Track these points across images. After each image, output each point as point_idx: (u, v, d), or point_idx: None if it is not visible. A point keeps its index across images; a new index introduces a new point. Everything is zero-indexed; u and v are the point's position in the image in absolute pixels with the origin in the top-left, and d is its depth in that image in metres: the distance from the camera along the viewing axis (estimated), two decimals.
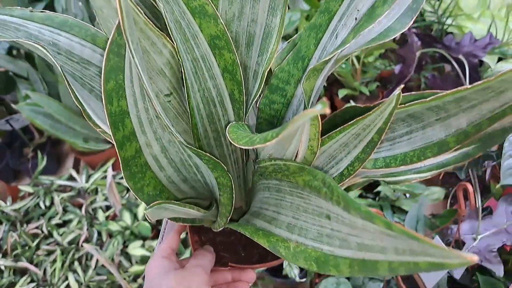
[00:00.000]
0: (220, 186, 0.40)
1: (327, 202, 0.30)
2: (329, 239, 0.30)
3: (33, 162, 1.27)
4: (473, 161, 0.80)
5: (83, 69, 0.38)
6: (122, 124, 0.35)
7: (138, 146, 0.37)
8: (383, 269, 0.25)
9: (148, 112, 0.36)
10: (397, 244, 0.24)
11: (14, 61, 1.14)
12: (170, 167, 0.41)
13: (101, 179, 1.15)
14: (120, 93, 0.34)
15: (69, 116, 1.11)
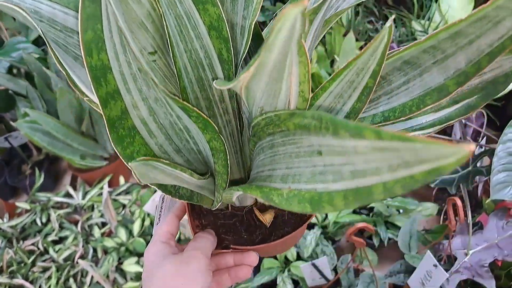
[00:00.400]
0: (213, 152, 0.38)
1: (317, 135, 0.28)
2: (322, 176, 0.28)
3: (31, 179, 1.28)
4: (464, 176, 0.80)
5: (67, 37, 0.36)
6: (105, 79, 0.33)
7: (123, 106, 0.35)
8: (378, 192, 0.23)
9: (131, 66, 0.33)
10: (390, 160, 0.22)
11: (14, 80, 1.16)
12: (161, 134, 0.38)
13: (98, 196, 1.16)
14: (99, 45, 0.31)
15: (66, 133, 1.12)
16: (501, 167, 0.68)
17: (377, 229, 0.95)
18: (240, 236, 0.48)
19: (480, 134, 0.95)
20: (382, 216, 0.97)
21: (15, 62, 1.18)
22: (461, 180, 0.81)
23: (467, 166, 0.81)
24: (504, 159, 0.68)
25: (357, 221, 0.94)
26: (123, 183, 1.20)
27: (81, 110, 1.15)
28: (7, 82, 1.16)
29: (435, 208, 0.95)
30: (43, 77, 1.18)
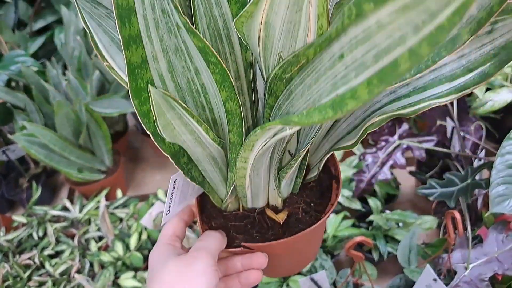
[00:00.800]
0: (228, 117, 0.37)
1: (338, 39, 0.27)
2: (344, 79, 0.27)
3: (28, 192, 1.27)
4: (463, 189, 0.80)
5: (93, 8, 0.37)
6: (129, 21, 0.32)
7: (144, 54, 0.34)
8: (404, 62, 0.22)
9: (154, 10, 0.33)
10: (414, 19, 0.21)
11: (12, 93, 1.16)
12: (177, 95, 0.38)
13: (95, 210, 1.15)
14: None
15: (64, 146, 1.12)
16: (500, 180, 0.68)
17: (376, 243, 0.94)
18: (252, 237, 0.47)
19: (478, 146, 0.94)
20: (381, 229, 0.96)
21: (13, 75, 1.19)
22: (460, 193, 0.80)
23: (466, 179, 0.81)
24: (503, 172, 0.67)
25: (356, 234, 0.93)
26: (120, 196, 1.19)
27: (79, 123, 1.15)
28: (5, 95, 1.16)
29: (435, 221, 0.94)
30: (41, 90, 1.18)
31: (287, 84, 0.34)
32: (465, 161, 0.93)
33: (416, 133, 0.99)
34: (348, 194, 1.01)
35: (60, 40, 1.36)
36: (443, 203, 1.02)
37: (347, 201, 1.01)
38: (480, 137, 0.96)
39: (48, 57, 1.44)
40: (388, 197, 1.09)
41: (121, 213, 1.12)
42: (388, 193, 1.08)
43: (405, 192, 1.15)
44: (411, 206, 1.15)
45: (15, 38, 1.43)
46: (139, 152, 1.52)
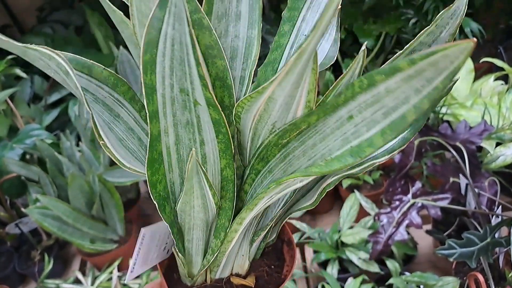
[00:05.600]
0: (223, 183, 0.41)
1: (347, 105, 0.32)
2: (355, 134, 0.32)
3: (39, 265, 1.26)
4: (483, 248, 0.78)
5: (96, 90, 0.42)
6: (152, 98, 0.36)
7: (159, 128, 0.38)
8: (410, 115, 0.28)
9: (173, 89, 0.37)
10: (416, 84, 0.27)
11: (26, 167, 1.18)
12: (177, 168, 0.41)
13: (107, 281, 1.13)
14: (152, 67, 0.35)
15: (77, 217, 1.12)
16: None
17: None
18: None
19: (494, 202, 0.93)
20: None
21: (28, 149, 1.21)
22: (481, 253, 0.78)
23: (486, 238, 0.79)
24: None
25: None
26: None
27: (92, 193, 1.15)
28: (20, 169, 1.18)
29: (457, 282, 0.91)
30: (55, 162, 1.20)
31: (281, 148, 0.39)
32: (482, 218, 0.91)
33: (429, 191, 0.98)
34: (365, 256, 0.99)
35: (74, 112, 1.41)
36: (464, 262, 0.99)
37: (364, 264, 0.98)
38: (495, 193, 0.95)
39: (62, 129, 1.48)
40: (406, 258, 1.06)
41: (134, 284, 1.10)
42: (406, 253, 1.05)
43: (423, 252, 1.12)
44: (431, 266, 1.12)
45: (30, 112, 1.48)
46: (151, 219, 1.52)
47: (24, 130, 1.27)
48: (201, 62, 0.36)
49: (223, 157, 0.41)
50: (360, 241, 1.01)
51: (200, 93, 0.37)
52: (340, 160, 0.33)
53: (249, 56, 0.44)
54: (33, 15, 1.95)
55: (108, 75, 0.41)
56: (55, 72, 0.36)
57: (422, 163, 1.07)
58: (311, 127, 0.36)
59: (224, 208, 0.43)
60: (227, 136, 0.39)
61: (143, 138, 0.45)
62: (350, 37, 1.54)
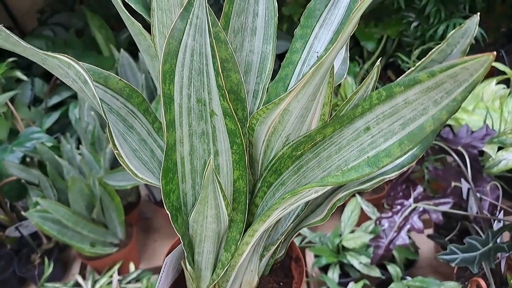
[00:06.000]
0: (235, 195, 0.41)
1: (364, 116, 0.33)
2: (372, 145, 0.33)
3: (39, 269, 1.25)
4: (485, 254, 0.77)
5: (118, 121, 0.43)
6: (169, 108, 0.37)
7: (175, 138, 0.39)
8: (429, 126, 0.29)
9: (190, 99, 0.38)
10: (434, 96, 0.28)
11: (26, 170, 1.18)
12: (190, 179, 0.42)
13: (107, 285, 1.12)
14: (171, 77, 0.36)
15: (77, 220, 1.12)
16: None
17: None
18: None
19: (496, 207, 0.93)
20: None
21: (28, 152, 1.21)
22: (483, 258, 0.78)
23: (487, 243, 0.79)
24: None
25: None
26: (133, 270, 1.17)
27: (92, 197, 1.15)
28: (20, 172, 1.17)
29: (458, 287, 0.90)
30: (56, 166, 1.20)
31: (295, 160, 0.40)
32: (484, 222, 0.91)
33: (431, 196, 0.98)
34: (366, 261, 0.98)
35: (74, 115, 1.40)
36: (465, 267, 0.99)
37: (365, 268, 0.98)
38: (497, 197, 0.94)
39: (62, 132, 1.48)
40: (407, 263, 1.06)
41: None
42: (407, 258, 1.05)
43: (424, 257, 1.12)
44: (432, 270, 1.11)
45: (31, 115, 1.48)
46: (151, 222, 1.51)
47: (25, 133, 1.26)
48: (220, 73, 0.36)
49: (236, 168, 0.41)
50: (361, 245, 1.01)
51: (217, 103, 0.38)
52: (357, 170, 0.33)
53: (264, 71, 0.45)
54: (34, 18, 1.95)
55: (123, 86, 0.42)
56: (73, 81, 0.37)
57: (423, 167, 1.06)
58: (326, 139, 0.37)
59: (235, 220, 0.43)
60: (241, 147, 0.40)
61: (155, 150, 0.46)
62: (352, 40, 1.54)
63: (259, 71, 0.45)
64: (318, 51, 0.44)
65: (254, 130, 0.40)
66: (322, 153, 0.38)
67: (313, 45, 0.45)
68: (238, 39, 0.44)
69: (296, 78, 0.45)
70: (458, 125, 1.10)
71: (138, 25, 0.41)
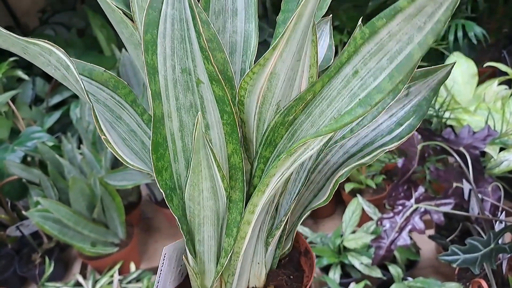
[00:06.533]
0: (231, 172, 0.40)
1: (350, 61, 0.32)
2: (363, 87, 0.32)
3: (40, 268, 1.25)
4: (486, 255, 0.77)
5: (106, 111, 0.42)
6: (153, 78, 0.36)
7: (162, 110, 0.38)
8: (416, 53, 0.29)
9: (175, 70, 0.37)
10: (418, 23, 0.28)
11: (27, 169, 1.18)
12: (183, 158, 0.41)
13: (108, 285, 1.12)
14: (153, 47, 0.35)
15: (77, 220, 1.12)
16: None
17: None
18: None
19: (498, 208, 0.92)
20: None
21: (29, 151, 1.21)
22: (484, 259, 0.77)
23: (489, 244, 0.78)
24: None
25: None
26: (134, 270, 1.17)
27: (93, 197, 1.15)
28: (21, 171, 1.17)
29: None
30: (56, 165, 1.20)
31: (288, 127, 0.39)
32: (485, 223, 0.91)
33: (432, 196, 0.97)
34: (367, 261, 0.98)
35: (75, 115, 1.40)
36: (467, 268, 0.99)
37: (366, 269, 0.97)
38: (498, 198, 0.94)
39: (63, 131, 1.48)
40: (408, 263, 1.06)
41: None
42: (409, 259, 1.05)
43: (425, 257, 1.12)
44: (433, 271, 1.11)
45: (31, 114, 1.48)
46: (152, 222, 1.51)
47: (26, 132, 1.26)
48: (202, 33, 0.35)
49: (229, 141, 0.40)
50: (363, 246, 1.01)
51: (202, 69, 0.37)
52: (350, 113, 0.32)
53: (248, 48, 0.44)
54: (35, 17, 1.96)
55: (108, 78, 0.42)
56: (56, 68, 0.36)
57: (425, 168, 1.06)
58: (316, 95, 0.36)
59: (234, 200, 0.42)
60: (232, 116, 0.38)
61: (146, 141, 0.45)
62: None
63: (244, 49, 0.44)
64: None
65: (244, 104, 0.39)
66: (314, 111, 0.37)
67: None
68: (220, 21, 0.44)
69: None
70: (460, 125, 1.10)
71: (119, 12, 0.41)
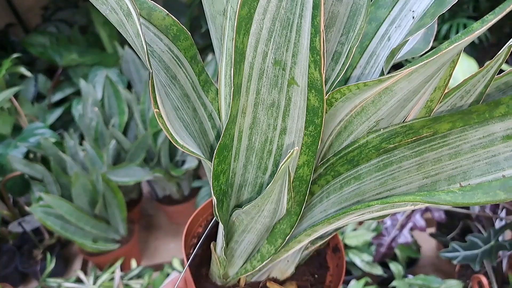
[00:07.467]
0: (296, 183, 0.33)
1: (506, 120, 0.26)
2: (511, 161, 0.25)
3: (42, 264, 1.26)
4: (487, 251, 0.78)
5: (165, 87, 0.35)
6: (239, 68, 0.29)
7: (238, 107, 0.31)
8: None
9: (265, 59, 0.29)
10: None
11: (30, 165, 1.18)
12: (244, 157, 0.34)
13: (109, 281, 1.13)
14: (247, 26, 0.28)
15: (79, 216, 1.12)
16: None
17: None
18: None
19: (498, 206, 0.93)
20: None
21: (32, 147, 1.21)
22: (485, 256, 0.78)
23: (489, 241, 0.79)
24: None
25: None
26: (135, 266, 1.18)
27: (95, 193, 1.15)
28: (24, 167, 1.18)
29: (460, 285, 0.91)
30: (59, 161, 1.20)
31: (383, 154, 0.32)
32: (486, 221, 0.91)
33: None
34: (368, 259, 0.98)
35: (77, 111, 1.41)
36: (467, 265, 0.99)
37: (367, 266, 0.98)
38: None
39: (65, 128, 1.49)
40: (409, 261, 1.06)
41: (136, 284, 1.09)
42: (409, 256, 1.05)
43: (426, 255, 1.12)
44: (434, 269, 1.11)
45: (34, 111, 1.48)
46: (153, 220, 1.52)
47: (28, 128, 1.27)
48: (321, 31, 0.26)
49: (305, 152, 0.33)
50: (364, 243, 1.01)
51: (303, 71, 0.29)
52: (487, 191, 0.25)
53: (352, 28, 0.34)
54: (38, 14, 1.96)
55: (170, 24, 0.33)
56: (112, 10, 0.29)
57: None
58: (437, 136, 0.29)
59: (289, 212, 0.36)
60: (319, 129, 0.31)
61: (198, 108, 0.38)
62: None
63: (346, 27, 0.34)
64: (415, 11, 0.34)
65: (333, 105, 0.31)
66: (427, 154, 0.29)
67: (409, 1, 0.35)
68: None
69: (379, 40, 0.36)
70: None
71: None
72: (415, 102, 0.30)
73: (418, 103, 0.30)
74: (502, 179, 0.25)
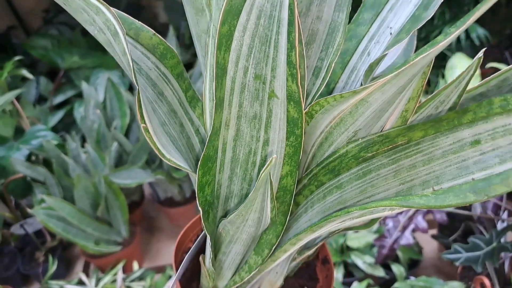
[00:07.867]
0: (280, 193, 0.34)
1: (474, 126, 0.27)
2: (480, 165, 0.27)
3: (43, 266, 1.26)
4: (489, 253, 0.78)
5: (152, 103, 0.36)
6: (221, 82, 0.30)
7: (221, 119, 0.32)
8: None
9: (246, 74, 0.30)
10: None
11: (32, 167, 1.19)
12: (228, 169, 0.35)
13: (111, 283, 1.13)
14: (228, 43, 0.29)
15: (81, 218, 1.12)
16: None
17: None
18: None
19: (500, 207, 0.93)
20: None
21: (34, 150, 1.22)
22: (487, 257, 0.78)
23: (491, 242, 0.79)
24: None
25: None
26: (137, 268, 1.18)
27: (97, 195, 1.16)
28: (26, 169, 1.18)
29: (462, 287, 0.91)
30: (61, 164, 1.20)
31: (362, 163, 0.33)
32: (488, 223, 0.91)
33: None
34: (370, 260, 0.98)
35: (79, 114, 1.41)
36: (469, 267, 0.99)
37: (369, 268, 0.98)
38: (500, 198, 0.94)
39: (66, 130, 1.49)
40: (411, 262, 1.06)
41: (138, 286, 1.10)
42: (411, 258, 1.05)
43: (428, 257, 1.12)
44: (436, 271, 1.11)
45: (36, 113, 1.48)
46: (155, 222, 1.52)
47: (30, 130, 1.27)
48: (296, 46, 0.27)
49: (287, 163, 0.34)
50: (366, 245, 1.01)
51: (282, 84, 0.30)
52: (458, 194, 0.27)
53: (331, 44, 0.35)
54: (39, 17, 1.96)
55: (157, 43, 0.35)
56: (100, 31, 0.30)
57: None
58: (412, 144, 0.30)
59: (274, 222, 0.37)
60: (299, 139, 0.32)
61: (185, 123, 0.39)
62: None
63: (325, 44, 0.35)
64: (392, 27, 0.35)
65: (313, 117, 0.33)
66: (402, 161, 0.31)
67: (386, 19, 0.36)
68: (304, 2, 0.35)
69: (359, 56, 0.38)
70: None
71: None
72: (391, 113, 0.32)
73: (393, 114, 0.32)
74: (472, 182, 0.27)
